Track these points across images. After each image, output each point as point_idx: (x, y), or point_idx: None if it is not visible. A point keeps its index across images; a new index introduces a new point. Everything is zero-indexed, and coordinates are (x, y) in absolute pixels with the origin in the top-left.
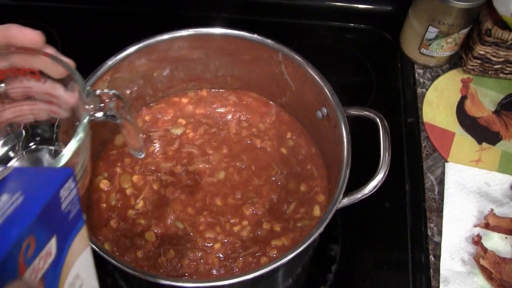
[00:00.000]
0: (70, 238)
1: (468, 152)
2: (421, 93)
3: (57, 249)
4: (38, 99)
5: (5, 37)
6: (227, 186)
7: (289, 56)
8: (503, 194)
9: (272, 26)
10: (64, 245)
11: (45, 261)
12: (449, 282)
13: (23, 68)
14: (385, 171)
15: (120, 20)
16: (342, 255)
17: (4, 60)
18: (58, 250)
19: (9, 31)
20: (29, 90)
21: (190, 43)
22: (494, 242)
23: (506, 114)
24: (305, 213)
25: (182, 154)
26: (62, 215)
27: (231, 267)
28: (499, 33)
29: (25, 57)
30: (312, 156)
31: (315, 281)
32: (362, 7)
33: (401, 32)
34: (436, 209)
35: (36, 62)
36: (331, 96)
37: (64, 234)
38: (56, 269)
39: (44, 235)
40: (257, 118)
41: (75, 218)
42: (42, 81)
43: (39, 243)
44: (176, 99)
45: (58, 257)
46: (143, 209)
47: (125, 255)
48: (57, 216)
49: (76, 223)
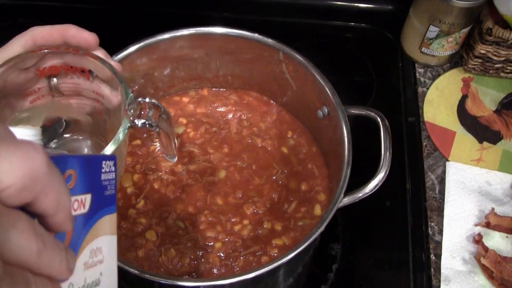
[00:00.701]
0: (102, 211)
1: (469, 151)
2: (422, 92)
3: (89, 208)
4: (85, 95)
5: (63, 36)
6: (228, 185)
7: (290, 55)
8: (504, 193)
9: (273, 26)
10: (96, 212)
11: (78, 207)
12: (450, 281)
13: (75, 67)
14: (385, 170)
15: (121, 19)
16: (343, 254)
17: (59, 57)
18: (90, 210)
19: (68, 31)
20: (78, 86)
21: (191, 42)
22: (495, 241)
23: (507, 113)
24: (306, 212)
25: (183, 153)
26: (100, 184)
27: (232, 266)
28: (500, 32)
29: (78, 57)
30: (313, 155)
31: (316, 280)
32: (363, 6)
33: (402, 31)
34: (437, 208)
35: (87, 63)
36: (331, 95)
37: (99, 203)
38: (84, 224)
39: (83, 182)
40: (258, 117)
41: (110, 198)
42: (90, 80)
43: (78, 185)
44: (177, 98)
45: (89, 215)
46: (144, 208)
47: (125, 254)
48: (96, 181)
49: (110, 204)
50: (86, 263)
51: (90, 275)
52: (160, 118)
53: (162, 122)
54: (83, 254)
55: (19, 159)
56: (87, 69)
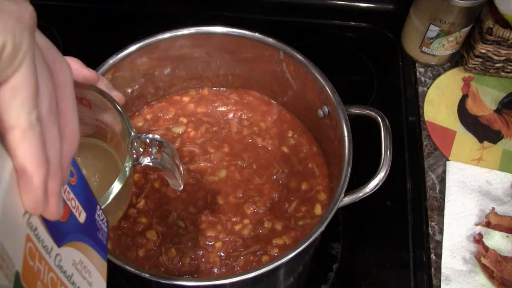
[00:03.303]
0: (93, 241)
1: (469, 151)
2: (422, 91)
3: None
4: (87, 122)
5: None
6: (228, 184)
7: (290, 55)
8: (504, 193)
9: (274, 25)
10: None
11: (76, 210)
12: (451, 281)
13: (76, 96)
14: (386, 169)
15: (121, 19)
16: (344, 253)
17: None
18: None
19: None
20: (80, 114)
21: (191, 42)
22: (496, 240)
23: (507, 112)
24: (306, 212)
25: (184, 152)
26: (94, 220)
27: (232, 266)
28: (500, 32)
29: (79, 88)
30: (313, 155)
31: (317, 280)
32: (364, 5)
33: (402, 30)
34: (437, 208)
35: (87, 94)
36: (332, 95)
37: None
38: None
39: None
40: (258, 117)
41: (101, 242)
42: (92, 109)
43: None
44: (177, 98)
45: (81, 227)
46: (145, 208)
47: (126, 253)
48: (91, 212)
49: (101, 247)
50: (74, 263)
51: (77, 277)
52: (163, 155)
53: (165, 159)
54: (72, 251)
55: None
56: (88, 99)
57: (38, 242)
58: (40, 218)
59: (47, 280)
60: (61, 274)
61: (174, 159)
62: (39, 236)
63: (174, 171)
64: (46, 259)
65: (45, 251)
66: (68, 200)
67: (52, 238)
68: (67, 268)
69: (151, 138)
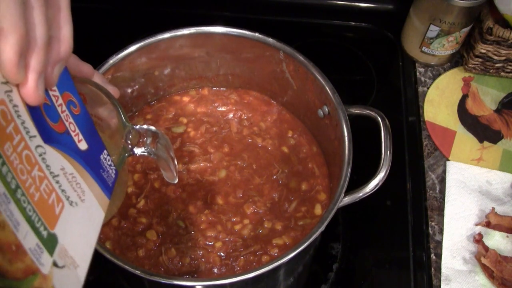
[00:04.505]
0: (95, 171)
1: (469, 151)
2: (422, 91)
3: (87, 148)
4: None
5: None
6: (228, 184)
7: (291, 55)
8: (504, 193)
9: (274, 25)
10: (90, 156)
11: (74, 134)
12: (451, 281)
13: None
14: (386, 169)
15: (121, 19)
16: (344, 253)
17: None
18: (89, 149)
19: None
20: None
21: (191, 42)
22: (496, 240)
23: (507, 112)
24: (306, 212)
25: (184, 152)
26: (98, 159)
27: (232, 266)
28: (500, 32)
29: (75, 83)
30: (313, 155)
31: (317, 280)
32: (364, 5)
33: (402, 30)
34: (437, 208)
35: (82, 88)
36: (332, 95)
37: (94, 162)
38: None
39: (84, 126)
40: (258, 117)
41: (104, 176)
42: (88, 103)
43: (81, 115)
44: (177, 98)
45: (87, 153)
46: (144, 208)
47: (126, 253)
48: (94, 145)
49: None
50: (62, 169)
51: (64, 183)
52: (158, 145)
53: (160, 149)
54: (61, 159)
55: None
56: (84, 94)
57: (17, 118)
58: (24, 104)
59: (20, 151)
60: (43, 165)
61: (168, 151)
62: (19, 115)
63: (168, 162)
64: (24, 136)
65: (25, 131)
66: (65, 120)
67: (37, 130)
68: (53, 167)
69: (145, 128)
